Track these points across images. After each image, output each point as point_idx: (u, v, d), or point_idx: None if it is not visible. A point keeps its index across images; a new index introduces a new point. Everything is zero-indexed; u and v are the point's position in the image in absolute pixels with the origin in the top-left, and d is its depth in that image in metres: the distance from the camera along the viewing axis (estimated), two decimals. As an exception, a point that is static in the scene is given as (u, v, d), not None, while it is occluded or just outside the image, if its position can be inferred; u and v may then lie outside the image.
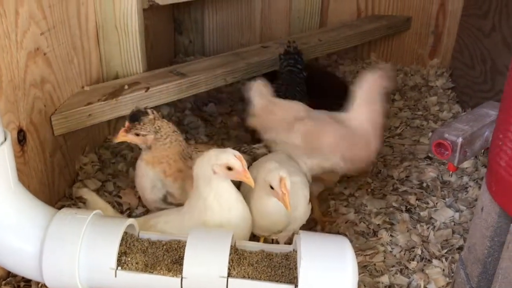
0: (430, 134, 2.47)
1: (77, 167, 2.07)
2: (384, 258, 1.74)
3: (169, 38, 3.12)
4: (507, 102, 1.13)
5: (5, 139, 1.21)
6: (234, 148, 1.50)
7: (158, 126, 1.56)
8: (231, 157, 1.39)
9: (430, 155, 2.29)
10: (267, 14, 3.18)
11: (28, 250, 1.22)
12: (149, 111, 1.58)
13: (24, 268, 1.24)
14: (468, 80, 2.74)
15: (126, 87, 2.05)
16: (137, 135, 1.56)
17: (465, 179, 2.13)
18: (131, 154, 2.25)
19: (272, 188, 1.42)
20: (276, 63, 2.46)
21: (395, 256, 1.75)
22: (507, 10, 2.29)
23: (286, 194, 1.39)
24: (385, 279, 1.64)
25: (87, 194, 1.55)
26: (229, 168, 1.39)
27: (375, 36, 3.01)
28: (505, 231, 1.20)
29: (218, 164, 1.40)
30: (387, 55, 3.21)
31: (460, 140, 1.32)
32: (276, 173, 1.42)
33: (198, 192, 1.44)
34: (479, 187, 2.05)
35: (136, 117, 1.55)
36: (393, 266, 1.70)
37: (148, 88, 2.04)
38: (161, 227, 1.48)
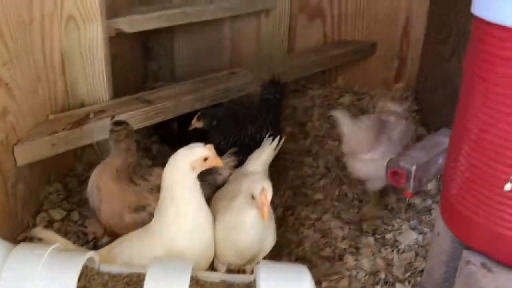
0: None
1: (42, 196, 2.05)
2: (349, 283, 1.76)
3: (138, 65, 3.13)
4: (456, 134, 1.18)
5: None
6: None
7: None
8: (203, 149, 1.46)
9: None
10: (237, 40, 3.23)
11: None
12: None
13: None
14: (432, 103, 2.81)
15: (91, 115, 2.05)
16: None
17: (429, 201, 2.18)
18: (98, 182, 2.23)
19: (253, 198, 1.44)
20: (243, 89, 2.50)
21: (360, 280, 1.77)
22: (464, 37, 2.38)
23: (265, 204, 1.41)
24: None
25: (41, 233, 1.50)
26: (205, 159, 1.46)
27: (341, 61, 3.08)
28: (459, 257, 1.24)
29: (196, 159, 1.44)
30: (353, 79, 3.28)
31: (414, 168, 1.36)
32: (260, 184, 1.44)
33: (172, 200, 1.46)
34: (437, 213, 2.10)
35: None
36: (356, 292, 1.72)
37: (113, 116, 2.04)
38: (126, 254, 1.48)
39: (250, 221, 1.48)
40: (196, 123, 2.13)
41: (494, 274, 1.11)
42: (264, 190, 1.41)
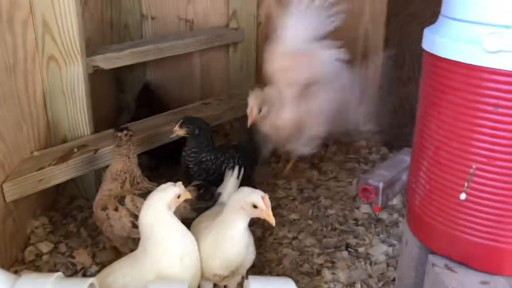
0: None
1: (29, 231, 2.10)
2: (328, 295, 1.90)
3: (112, 98, 3.23)
4: (416, 153, 1.35)
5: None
6: None
7: None
8: (175, 188, 1.60)
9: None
10: (206, 71, 3.38)
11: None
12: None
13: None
14: (392, 124, 3.03)
15: (75, 150, 2.13)
16: None
17: (395, 215, 2.35)
18: (81, 214, 2.31)
19: (255, 207, 1.56)
20: (217, 119, 2.64)
21: (336, 293, 1.91)
22: (419, 62, 2.60)
23: (269, 208, 1.55)
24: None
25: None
26: (178, 197, 1.62)
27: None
28: (425, 261, 1.39)
29: (171, 199, 1.59)
30: (318, 103, 3.47)
31: (381, 185, 1.53)
32: (256, 193, 1.57)
33: (154, 238, 1.55)
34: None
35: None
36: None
37: (97, 150, 2.14)
38: (120, 282, 1.56)
39: (240, 232, 1.60)
40: (178, 131, 2.13)
41: (456, 273, 1.27)
42: (264, 197, 1.55)
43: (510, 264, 1.25)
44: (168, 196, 1.56)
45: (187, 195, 1.62)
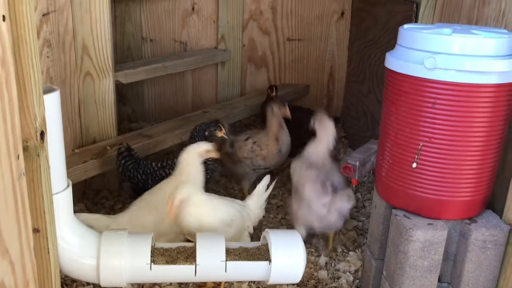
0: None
1: (71, 214, 2.56)
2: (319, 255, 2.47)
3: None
4: (381, 138, 1.95)
5: (68, 186, 1.76)
6: None
7: None
8: (206, 144, 2.27)
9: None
10: (197, 86, 3.91)
11: (88, 262, 1.76)
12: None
13: (84, 274, 1.77)
14: (356, 129, 3.66)
15: (108, 148, 2.62)
16: None
17: (361, 199, 2.96)
18: (108, 202, 2.78)
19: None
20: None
21: (324, 256, 2.47)
22: (377, 78, 3.25)
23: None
24: (322, 260, 2.37)
25: (80, 216, 2.02)
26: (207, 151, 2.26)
27: (284, 100, 3.86)
28: (390, 217, 1.98)
29: (202, 150, 2.24)
30: (294, 113, 4.08)
31: (357, 163, 2.11)
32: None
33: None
34: (370, 205, 2.89)
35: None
36: (325, 261, 2.42)
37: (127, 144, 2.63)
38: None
39: None
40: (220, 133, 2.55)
41: (411, 219, 1.86)
42: None
43: (447, 211, 1.84)
44: (200, 147, 2.19)
45: (215, 154, 2.25)
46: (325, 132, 2.30)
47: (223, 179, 3.13)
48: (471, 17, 2.15)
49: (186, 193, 1.98)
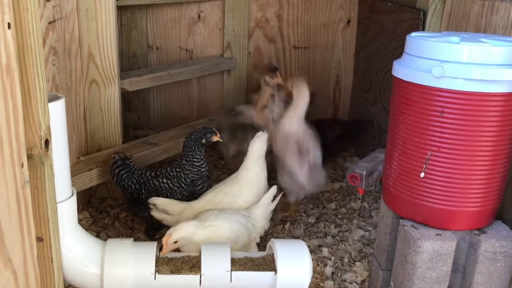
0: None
1: (75, 222, 2.56)
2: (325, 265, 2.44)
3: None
4: (389, 147, 1.93)
5: (72, 194, 1.75)
6: None
7: None
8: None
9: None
10: (203, 94, 3.91)
11: (92, 271, 1.74)
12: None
13: (88, 283, 1.75)
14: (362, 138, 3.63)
15: (112, 155, 2.61)
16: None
17: (367, 208, 2.94)
18: (113, 210, 2.77)
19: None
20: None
21: (330, 266, 2.45)
22: (384, 86, 3.23)
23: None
24: (328, 271, 2.35)
25: (156, 200, 2.28)
26: None
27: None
28: (397, 227, 1.96)
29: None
30: (300, 122, 4.06)
31: (364, 172, 2.09)
32: None
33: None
34: (377, 215, 2.86)
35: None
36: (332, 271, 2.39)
37: (131, 156, 2.62)
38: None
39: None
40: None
41: (419, 230, 1.83)
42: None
43: (455, 222, 1.82)
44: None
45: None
46: (301, 99, 2.52)
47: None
48: (479, 25, 2.14)
49: (185, 232, 1.96)
